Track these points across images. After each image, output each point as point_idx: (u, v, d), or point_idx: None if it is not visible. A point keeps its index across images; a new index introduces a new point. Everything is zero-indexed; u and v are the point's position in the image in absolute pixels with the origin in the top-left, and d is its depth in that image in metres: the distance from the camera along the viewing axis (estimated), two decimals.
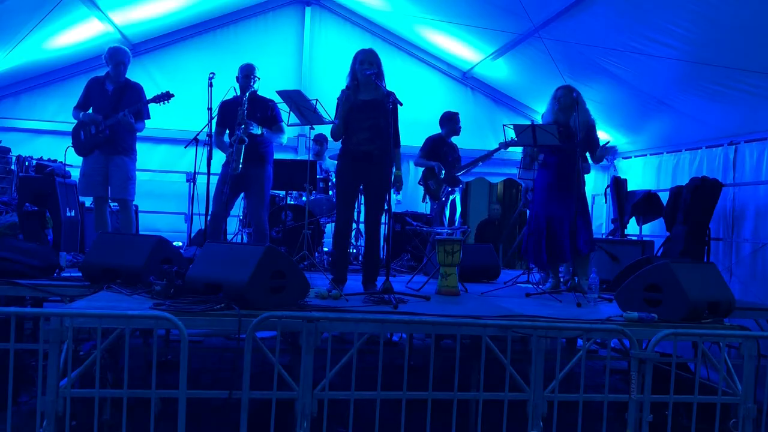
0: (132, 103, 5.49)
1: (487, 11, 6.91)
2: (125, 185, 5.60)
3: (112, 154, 5.57)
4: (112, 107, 5.50)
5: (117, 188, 5.61)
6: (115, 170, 5.57)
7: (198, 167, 5.99)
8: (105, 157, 5.57)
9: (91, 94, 5.68)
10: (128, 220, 5.70)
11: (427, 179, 6.95)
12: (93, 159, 5.59)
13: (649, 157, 8.20)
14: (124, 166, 5.59)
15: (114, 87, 5.60)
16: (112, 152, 5.56)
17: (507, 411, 3.20)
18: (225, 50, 8.32)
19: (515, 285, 5.39)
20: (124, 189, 5.60)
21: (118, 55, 5.59)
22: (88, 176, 5.61)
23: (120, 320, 3.01)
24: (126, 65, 5.62)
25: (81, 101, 5.71)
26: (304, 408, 3.09)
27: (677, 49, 5.66)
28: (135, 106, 5.45)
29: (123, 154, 5.59)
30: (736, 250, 6.52)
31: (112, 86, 5.61)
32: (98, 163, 5.57)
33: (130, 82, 5.68)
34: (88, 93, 5.70)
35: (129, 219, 5.71)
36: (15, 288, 3.90)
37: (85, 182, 5.64)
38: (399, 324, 3.49)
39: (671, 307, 3.66)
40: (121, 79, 5.62)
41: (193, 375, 3.06)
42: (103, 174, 5.58)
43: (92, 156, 5.59)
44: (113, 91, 5.59)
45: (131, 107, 5.44)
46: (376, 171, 4.51)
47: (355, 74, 4.55)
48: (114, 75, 5.60)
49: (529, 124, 5.03)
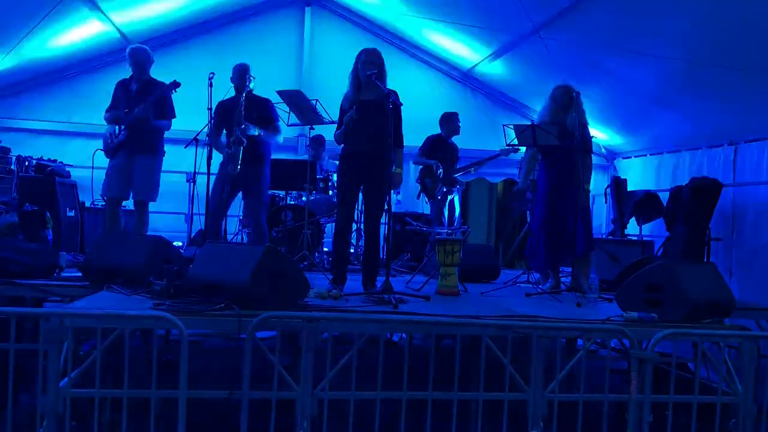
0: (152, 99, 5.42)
1: (488, 11, 6.92)
2: (146, 186, 5.54)
3: (134, 154, 5.50)
4: (135, 106, 5.45)
5: (138, 189, 5.54)
6: (137, 170, 5.51)
7: (198, 167, 5.99)
8: (128, 157, 5.51)
9: (118, 95, 5.67)
10: (142, 223, 5.62)
11: (424, 177, 6.96)
12: (117, 159, 5.55)
13: (649, 157, 8.20)
14: (147, 166, 5.52)
15: (138, 86, 5.58)
16: (134, 151, 5.50)
17: (507, 411, 3.20)
18: (225, 50, 8.30)
19: (515, 285, 5.39)
20: (145, 190, 5.54)
21: (135, 54, 5.56)
22: (109, 176, 5.56)
23: (120, 320, 3.01)
24: (143, 63, 5.55)
25: (111, 104, 5.69)
26: (304, 408, 3.09)
27: (677, 49, 5.67)
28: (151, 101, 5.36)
29: (145, 153, 5.51)
30: (736, 250, 6.52)
31: (136, 86, 5.59)
32: (121, 163, 5.51)
33: (154, 80, 5.62)
34: (116, 95, 5.69)
35: (143, 222, 5.62)
36: (15, 288, 3.90)
37: (106, 182, 5.59)
38: (399, 324, 3.49)
39: (671, 307, 3.65)
40: (144, 78, 5.58)
41: (193, 375, 3.05)
42: (125, 174, 5.50)
43: (117, 156, 5.55)
44: (137, 90, 5.56)
45: (147, 103, 5.37)
46: (376, 171, 4.50)
47: (357, 73, 4.55)
48: (136, 74, 5.58)
49: (529, 124, 5.02)
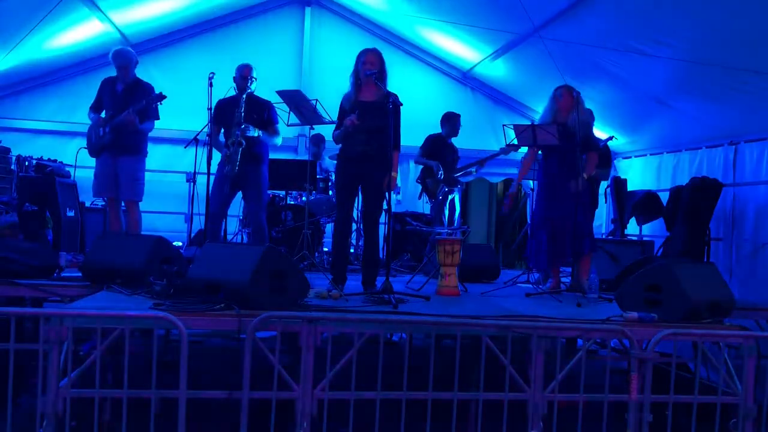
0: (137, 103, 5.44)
1: (487, 11, 6.91)
2: (131, 186, 5.57)
3: (118, 155, 5.54)
4: (120, 107, 5.46)
5: (123, 189, 5.59)
6: (122, 171, 5.55)
7: (198, 167, 5.99)
8: (113, 158, 5.55)
9: (103, 94, 5.67)
10: (133, 222, 5.66)
11: (425, 178, 6.96)
12: (102, 160, 5.59)
13: (649, 157, 8.20)
14: (130, 166, 5.56)
15: (123, 87, 5.58)
16: (118, 153, 5.53)
17: (507, 411, 3.20)
18: (225, 50, 8.28)
19: (515, 285, 5.39)
20: (130, 190, 5.58)
21: (118, 58, 5.56)
22: (98, 177, 5.61)
23: (120, 320, 3.01)
24: (127, 67, 5.56)
25: (95, 102, 5.70)
26: (304, 408, 3.09)
27: (677, 49, 5.66)
28: (137, 105, 5.38)
29: (129, 154, 5.55)
30: (736, 250, 6.51)
31: (121, 86, 5.59)
32: (107, 164, 5.56)
33: (140, 82, 5.63)
34: (101, 93, 5.69)
35: (134, 221, 5.67)
36: (15, 288, 3.91)
37: (96, 183, 5.64)
38: (399, 324, 3.49)
39: (671, 307, 3.66)
40: (129, 79, 5.59)
41: (193, 375, 3.05)
42: (111, 175, 5.56)
43: (102, 157, 5.59)
44: (122, 91, 5.56)
45: (134, 106, 5.39)
46: (374, 172, 4.50)
47: (357, 73, 4.55)
48: (121, 76, 5.58)
49: (529, 124, 5.03)
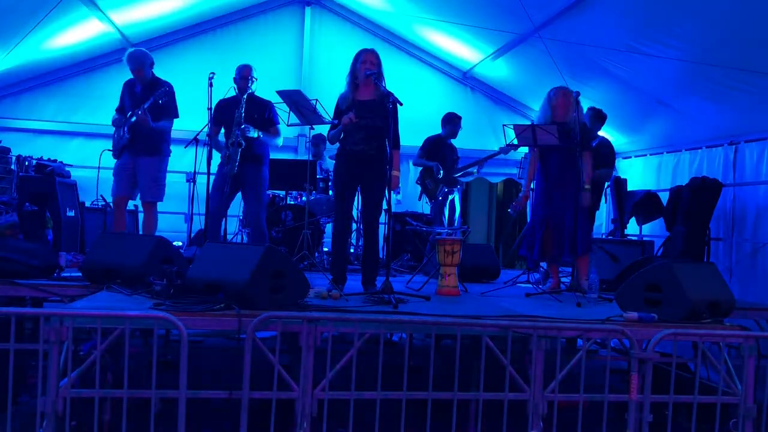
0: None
1: (487, 11, 6.91)
2: (150, 187, 5.54)
3: (137, 155, 5.52)
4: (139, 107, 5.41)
5: (142, 190, 5.57)
6: (141, 172, 5.53)
7: (198, 167, 5.98)
8: (132, 158, 5.54)
9: (125, 95, 5.68)
10: (149, 224, 5.62)
11: (425, 178, 6.97)
12: (122, 160, 5.58)
13: (649, 157, 8.19)
14: (149, 166, 5.52)
15: (142, 87, 5.57)
16: (137, 153, 5.52)
17: (507, 411, 3.20)
18: (225, 50, 8.30)
19: (515, 285, 5.39)
20: (149, 191, 5.55)
21: (131, 62, 5.53)
22: (116, 176, 5.61)
23: (120, 320, 3.01)
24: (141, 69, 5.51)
25: (119, 105, 5.72)
26: (304, 408, 3.09)
27: (677, 49, 5.66)
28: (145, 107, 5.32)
29: (148, 154, 5.52)
30: (736, 250, 6.51)
31: (140, 87, 5.58)
32: (126, 164, 5.55)
33: (157, 81, 5.59)
34: (123, 96, 5.71)
35: (150, 222, 5.62)
36: (15, 288, 3.91)
37: (114, 183, 5.63)
38: (399, 324, 3.49)
39: (671, 307, 3.66)
40: (147, 79, 5.57)
41: (193, 375, 3.05)
42: (129, 174, 5.54)
43: (122, 157, 5.58)
44: (141, 91, 5.56)
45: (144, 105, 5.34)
46: (373, 171, 4.50)
47: (355, 73, 4.54)
48: (138, 77, 5.57)
49: (529, 124, 5.02)
